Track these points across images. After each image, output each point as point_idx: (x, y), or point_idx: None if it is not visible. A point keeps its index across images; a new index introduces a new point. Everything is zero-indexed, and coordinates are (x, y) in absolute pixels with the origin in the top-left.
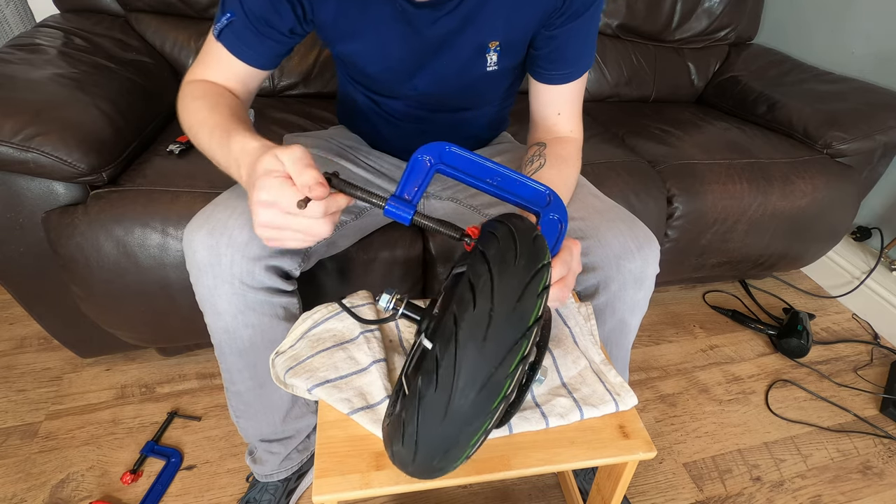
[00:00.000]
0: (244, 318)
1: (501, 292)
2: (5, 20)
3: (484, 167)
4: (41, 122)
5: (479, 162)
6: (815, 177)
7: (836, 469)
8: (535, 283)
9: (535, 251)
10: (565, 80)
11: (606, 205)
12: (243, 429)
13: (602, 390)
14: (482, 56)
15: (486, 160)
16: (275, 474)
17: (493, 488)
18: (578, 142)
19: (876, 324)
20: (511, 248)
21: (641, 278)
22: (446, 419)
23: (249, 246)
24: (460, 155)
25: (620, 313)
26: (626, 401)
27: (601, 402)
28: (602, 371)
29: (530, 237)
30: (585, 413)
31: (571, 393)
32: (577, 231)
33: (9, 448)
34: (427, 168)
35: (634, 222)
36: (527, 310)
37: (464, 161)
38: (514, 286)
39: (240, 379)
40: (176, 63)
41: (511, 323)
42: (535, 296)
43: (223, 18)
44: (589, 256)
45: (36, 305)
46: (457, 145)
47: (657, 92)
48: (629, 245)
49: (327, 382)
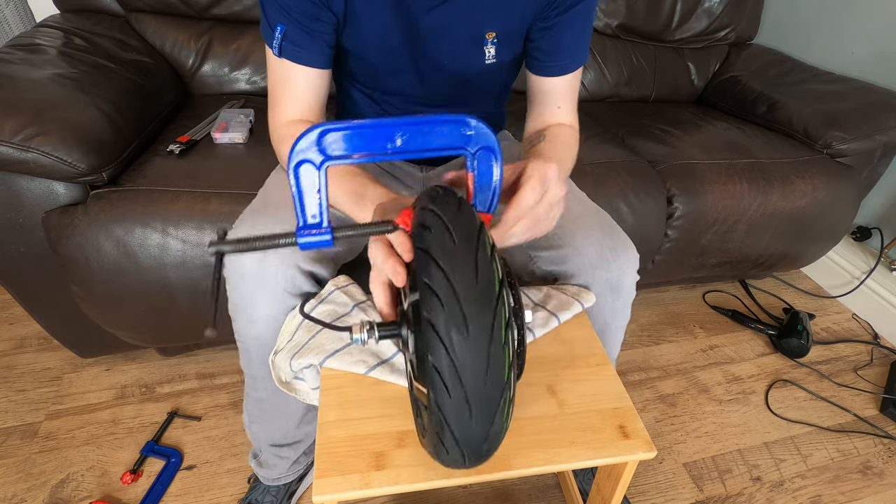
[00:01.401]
0: (277, 324)
1: (459, 280)
2: (5, 20)
3: (377, 131)
4: (41, 122)
5: (369, 128)
6: (815, 177)
7: (836, 469)
8: (483, 251)
9: (464, 219)
10: (562, 72)
11: (586, 210)
12: (254, 433)
13: (566, 298)
14: (480, 49)
15: (377, 120)
16: (282, 478)
17: (493, 488)
18: (576, 129)
19: (876, 324)
20: (443, 231)
21: (619, 287)
22: (474, 413)
23: (296, 253)
24: (341, 132)
25: (602, 319)
26: (588, 298)
27: (569, 306)
28: (560, 288)
29: (454, 209)
30: (561, 318)
31: (543, 306)
32: (554, 238)
33: (9, 448)
34: (314, 175)
35: (612, 229)
36: (488, 280)
37: (350, 137)
38: (466, 267)
39: (262, 386)
40: (176, 63)
41: (481, 302)
42: (488, 262)
43: (276, 34)
44: (566, 265)
45: (36, 305)
46: (332, 122)
47: (657, 92)
48: (604, 254)
49: (337, 352)
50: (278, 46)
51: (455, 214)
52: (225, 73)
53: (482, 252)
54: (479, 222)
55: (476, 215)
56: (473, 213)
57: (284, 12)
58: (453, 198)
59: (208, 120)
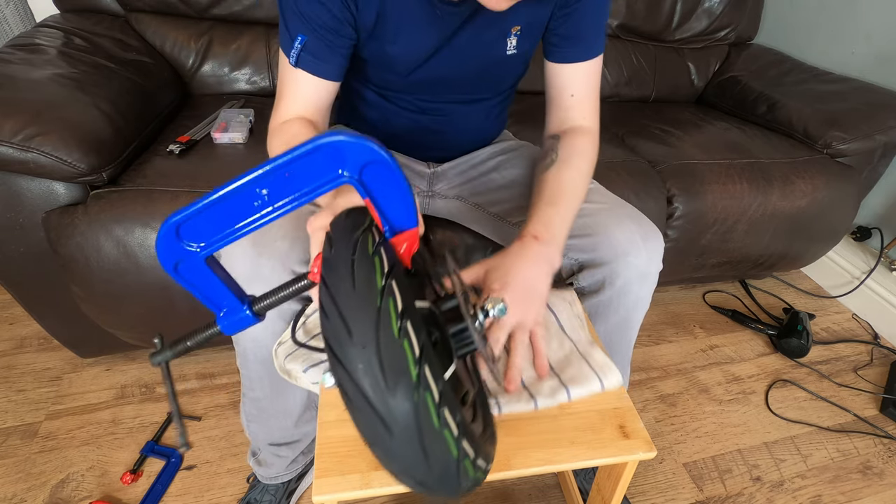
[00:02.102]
0: (273, 326)
1: (337, 290)
2: (5, 20)
3: (234, 197)
4: (41, 122)
5: (221, 200)
6: (815, 177)
7: (836, 469)
8: (361, 250)
9: (349, 225)
10: (579, 59)
11: (611, 201)
12: (253, 433)
13: (587, 370)
14: (503, 39)
15: (225, 186)
16: (280, 477)
17: (493, 488)
18: (593, 132)
19: (876, 324)
20: (328, 245)
21: (646, 273)
22: (389, 429)
23: (290, 255)
24: (191, 217)
25: (624, 309)
26: (611, 379)
27: (586, 381)
28: (588, 352)
29: (340, 220)
30: (572, 393)
31: (558, 374)
32: (582, 227)
33: (9, 448)
34: (200, 270)
35: (640, 217)
36: (366, 277)
37: (206, 219)
38: (343, 273)
39: (259, 386)
40: (176, 63)
41: (359, 299)
42: (365, 262)
43: (295, 44)
44: (596, 252)
45: (36, 305)
46: (178, 212)
47: (657, 92)
48: (636, 240)
49: (321, 363)
50: (296, 56)
51: (337, 225)
52: (225, 73)
53: (359, 253)
54: (367, 225)
55: (361, 219)
56: (360, 216)
57: (307, 24)
58: (344, 213)
59: (208, 120)
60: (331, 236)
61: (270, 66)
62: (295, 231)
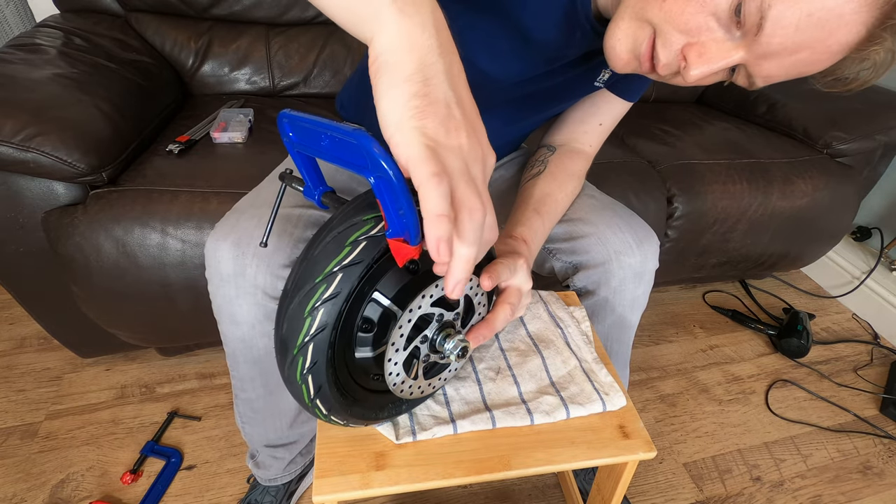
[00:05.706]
0: (262, 327)
1: (302, 261)
2: (5, 20)
3: (312, 130)
4: (41, 122)
5: (306, 122)
6: (815, 177)
7: (836, 469)
8: (345, 229)
9: (351, 210)
10: (623, 96)
11: (605, 202)
12: (248, 434)
13: (590, 389)
14: (596, 72)
15: (307, 118)
16: (278, 478)
17: (492, 488)
18: (590, 160)
19: (876, 324)
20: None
21: (641, 273)
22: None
23: (275, 257)
24: (294, 117)
25: (620, 309)
26: (615, 400)
27: (588, 401)
28: (593, 370)
29: (363, 198)
30: (571, 412)
31: (559, 392)
32: (577, 230)
33: (9, 448)
34: (291, 145)
35: (633, 218)
36: (317, 258)
37: (299, 128)
38: (322, 232)
39: (251, 387)
40: (176, 63)
41: (311, 262)
42: (329, 243)
43: None
44: (590, 253)
45: (36, 305)
46: (295, 112)
47: (657, 92)
48: (629, 240)
49: None
50: None
51: (356, 200)
52: (225, 73)
53: (342, 229)
54: (360, 218)
55: (364, 210)
56: (359, 209)
57: None
58: (351, 199)
59: (208, 120)
60: (342, 205)
61: (270, 66)
62: (279, 236)
